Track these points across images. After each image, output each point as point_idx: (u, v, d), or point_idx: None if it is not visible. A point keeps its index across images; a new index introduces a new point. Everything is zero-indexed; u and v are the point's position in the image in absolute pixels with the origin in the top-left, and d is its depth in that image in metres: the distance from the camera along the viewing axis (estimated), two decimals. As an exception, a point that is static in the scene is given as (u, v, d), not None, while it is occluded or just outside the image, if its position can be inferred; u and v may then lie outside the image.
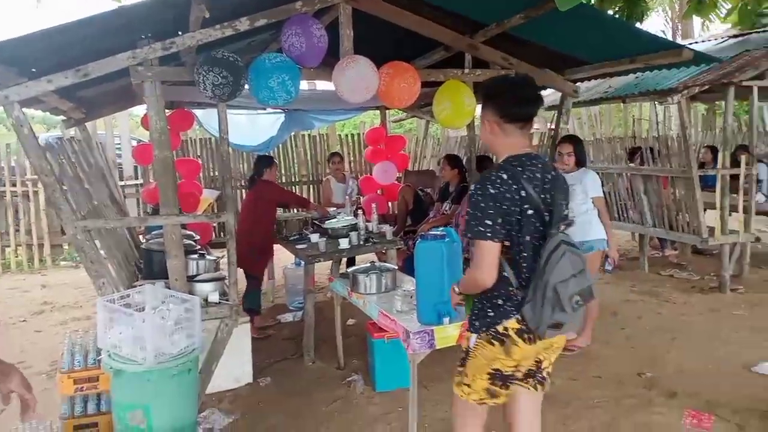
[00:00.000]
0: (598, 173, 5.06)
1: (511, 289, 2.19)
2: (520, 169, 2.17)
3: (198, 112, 6.04)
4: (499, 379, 2.28)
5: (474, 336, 2.30)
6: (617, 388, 3.99)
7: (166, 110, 5.57)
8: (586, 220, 4.40)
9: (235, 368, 4.26)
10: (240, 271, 5.28)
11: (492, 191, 2.12)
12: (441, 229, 3.22)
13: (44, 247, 8.90)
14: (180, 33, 3.42)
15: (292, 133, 7.45)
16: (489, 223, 2.10)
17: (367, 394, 4.09)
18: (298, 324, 5.31)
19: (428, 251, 3.07)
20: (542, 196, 2.18)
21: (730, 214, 5.95)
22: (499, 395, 2.33)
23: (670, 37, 14.99)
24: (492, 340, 2.22)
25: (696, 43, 7.47)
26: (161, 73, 3.43)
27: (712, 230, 5.97)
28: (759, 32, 6.35)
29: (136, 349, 3.18)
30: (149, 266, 4.30)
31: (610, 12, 6.08)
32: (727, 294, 5.97)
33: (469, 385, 2.34)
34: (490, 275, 2.15)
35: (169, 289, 3.66)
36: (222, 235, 6.03)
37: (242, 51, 4.59)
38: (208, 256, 4.41)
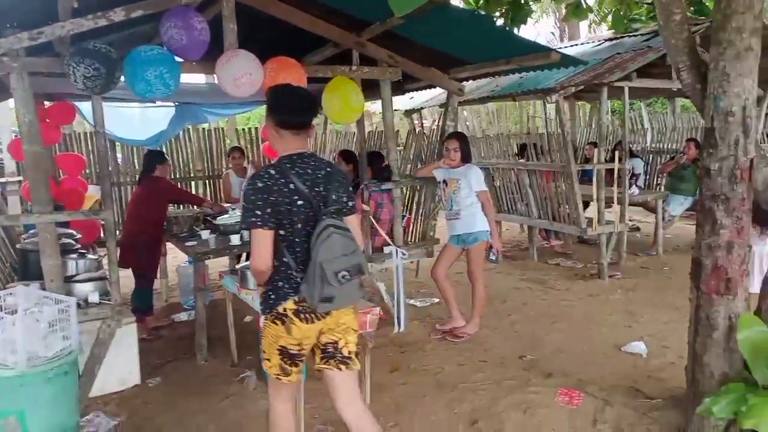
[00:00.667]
0: (484, 168, 5.32)
1: (290, 272, 2.45)
2: (289, 165, 2.46)
3: (82, 105, 5.76)
4: (287, 356, 2.52)
5: (262, 317, 2.60)
6: (500, 370, 4.21)
7: (47, 102, 5.37)
8: (471, 213, 4.65)
9: (122, 370, 4.12)
10: (129, 270, 5.13)
11: (260, 185, 2.40)
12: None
13: None
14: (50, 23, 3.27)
15: (185, 127, 7.26)
16: (258, 213, 2.38)
17: (260, 389, 4.08)
18: (193, 323, 5.21)
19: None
20: (315, 189, 2.47)
21: (609, 206, 6.41)
22: (290, 372, 2.56)
23: (558, 39, 15.86)
24: (275, 320, 2.49)
25: (575, 45, 7.97)
26: (28, 64, 3.28)
27: (591, 221, 6.40)
28: (631, 36, 6.87)
29: (6, 353, 3.04)
30: (25, 267, 4.07)
31: (497, 14, 6.34)
32: (606, 280, 6.42)
33: (269, 360, 2.58)
34: (263, 260, 2.42)
35: (45, 290, 3.51)
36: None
37: (124, 43, 4.43)
38: (89, 255, 4.23)
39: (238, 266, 4.08)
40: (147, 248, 5.03)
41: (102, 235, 6.26)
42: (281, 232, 2.43)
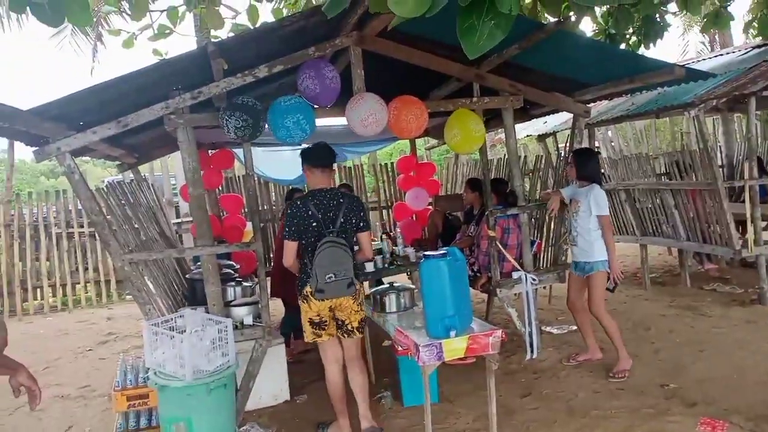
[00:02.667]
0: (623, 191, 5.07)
1: (308, 269, 3.61)
2: (309, 198, 3.66)
3: (239, 151, 6.51)
4: (314, 325, 3.70)
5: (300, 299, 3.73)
6: (637, 398, 4.07)
7: (210, 150, 6.15)
8: (588, 240, 4.48)
9: (274, 386, 4.58)
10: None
11: (290, 211, 3.70)
12: (444, 248, 3.47)
13: (110, 283, 9.59)
14: (207, 83, 3.84)
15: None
16: (287, 230, 3.68)
17: (395, 408, 4.32)
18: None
19: (431, 269, 3.32)
20: (327, 214, 3.61)
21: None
22: (321, 335, 3.73)
23: (708, 48, 14.73)
24: (303, 300, 3.69)
25: (721, 55, 7.46)
26: (191, 120, 3.87)
27: (746, 242, 5.92)
28: (782, 42, 6.34)
29: (176, 366, 3.55)
30: (193, 294, 4.72)
31: (630, 31, 6.19)
32: (767, 306, 5.88)
33: (305, 331, 3.76)
34: (289, 261, 3.73)
35: (208, 313, 4.04)
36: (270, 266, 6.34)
37: (272, 95, 5.01)
38: (244, 283, 4.77)
39: (369, 291, 4.36)
40: (292, 280, 5.45)
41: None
42: (303, 242, 3.65)
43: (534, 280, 4.85)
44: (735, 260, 7.11)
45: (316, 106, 4.12)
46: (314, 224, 3.58)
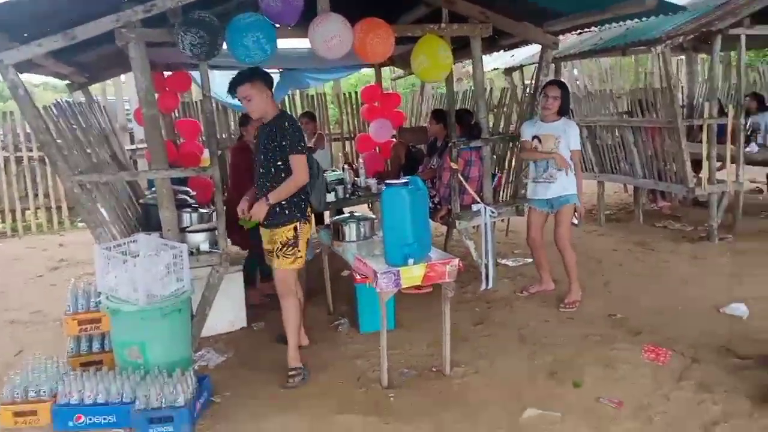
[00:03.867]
0: (586, 127, 5.09)
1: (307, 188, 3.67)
2: None
3: (196, 74, 6.23)
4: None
5: (298, 223, 3.62)
6: (586, 327, 4.21)
7: (166, 72, 5.88)
8: (570, 175, 4.50)
9: (230, 313, 4.57)
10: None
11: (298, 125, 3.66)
12: (406, 178, 3.43)
13: (62, 210, 9.31)
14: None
15: (290, 93, 7.62)
16: (304, 144, 3.58)
17: (351, 335, 4.38)
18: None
19: (392, 197, 3.30)
20: None
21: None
22: None
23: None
24: (306, 222, 3.67)
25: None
26: (144, 35, 3.65)
27: (700, 180, 6.05)
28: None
29: (130, 291, 3.49)
30: (147, 220, 4.59)
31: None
32: (715, 243, 6.08)
33: (302, 254, 3.69)
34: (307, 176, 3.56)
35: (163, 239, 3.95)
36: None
37: (231, 14, 4.75)
38: (201, 210, 4.67)
39: (330, 220, 4.33)
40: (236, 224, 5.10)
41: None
42: None
43: (493, 212, 4.89)
44: (688, 199, 7.31)
45: (277, 25, 3.94)
46: None
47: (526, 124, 4.78)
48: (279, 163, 3.53)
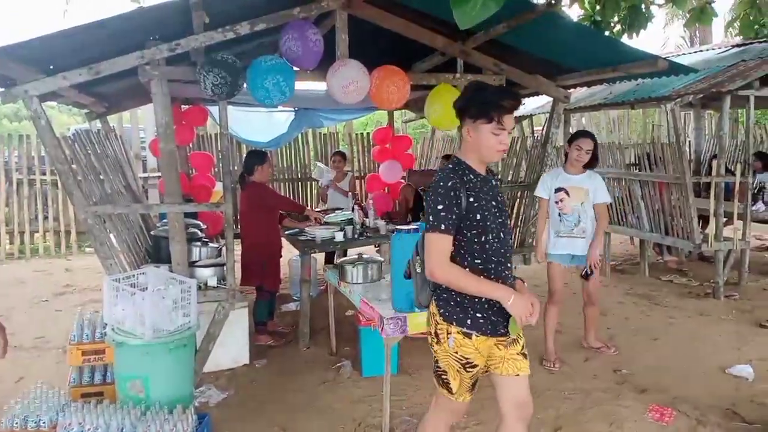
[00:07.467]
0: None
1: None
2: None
3: (214, 109, 6.35)
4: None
5: None
6: (591, 382, 4.17)
7: (184, 106, 5.99)
8: (592, 229, 4.34)
9: (234, 349, 4.55)
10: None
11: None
12: (416, 224, 3.46)
13: (71, 234, 9.36)
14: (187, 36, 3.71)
15: (304, 131, 7.73)
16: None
17: (353, 378, 4.34)
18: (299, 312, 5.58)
19: (401, 242, 3.31)
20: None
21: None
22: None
23: (688, 44, 14.92)
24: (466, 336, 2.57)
25: (701, 51, 7.55)
26: (167, 73, 3.75)
27: (707, 237, 6.06)
28: (761, 42, 6.42)
29: (136, 324, 3.49)
30: (157, 251, 4.62)
31: (615, 19, 6.20)
32: (721, 300, 6.06)
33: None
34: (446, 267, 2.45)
35: (172, 272, 3.97)
36: (237, 227, 5.90)
37: (251, 53, 4.88)
38: (211, 244, 4.70)
39: (338, 261, 4.35)
40: (271, 262, 5.05)
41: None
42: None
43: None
44: (693, 254, 7.31)
45: (296, 69, 4.03)
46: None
47: (546, 177, 4.45)
48: None
